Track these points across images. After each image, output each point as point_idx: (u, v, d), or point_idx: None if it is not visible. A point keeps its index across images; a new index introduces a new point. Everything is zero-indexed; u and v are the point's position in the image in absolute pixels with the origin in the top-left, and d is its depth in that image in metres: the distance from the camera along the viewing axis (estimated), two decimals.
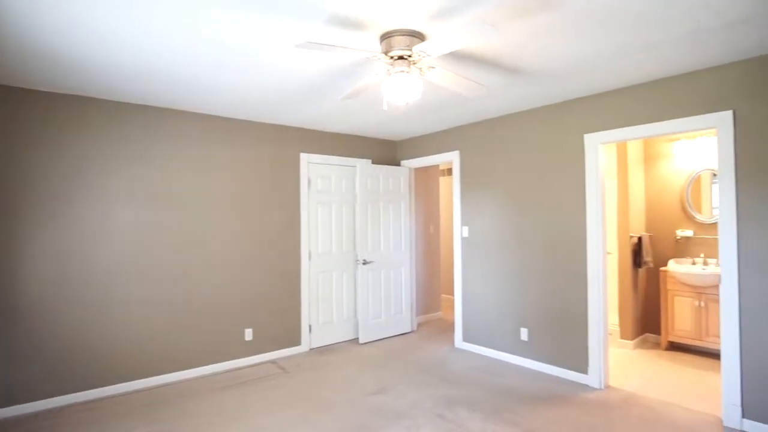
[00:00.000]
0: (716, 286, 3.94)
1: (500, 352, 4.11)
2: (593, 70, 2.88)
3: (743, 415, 2.71)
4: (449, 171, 6.75)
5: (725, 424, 2.77)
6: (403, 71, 2.26)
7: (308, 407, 3.12)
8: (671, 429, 2.74)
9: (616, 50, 2.54)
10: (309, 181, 4.55)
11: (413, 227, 5.27)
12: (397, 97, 2.26)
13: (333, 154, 4.77)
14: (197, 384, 3.59)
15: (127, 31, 2.20)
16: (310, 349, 4.50)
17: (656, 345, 4.47)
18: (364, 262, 4.71)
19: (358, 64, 2.71)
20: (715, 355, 4.08)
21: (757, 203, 2.67)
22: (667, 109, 3.05)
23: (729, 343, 2.76)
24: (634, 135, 3.22)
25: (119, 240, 3.43)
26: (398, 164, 5.32)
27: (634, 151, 4.56)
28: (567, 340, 3.61)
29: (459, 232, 4.51)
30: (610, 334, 4.63)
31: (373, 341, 4.77)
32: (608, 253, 4.79)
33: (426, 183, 5.74)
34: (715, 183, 4.21)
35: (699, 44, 2.47)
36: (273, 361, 4.14)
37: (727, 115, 2.77)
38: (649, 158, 4.66)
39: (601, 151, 3.44)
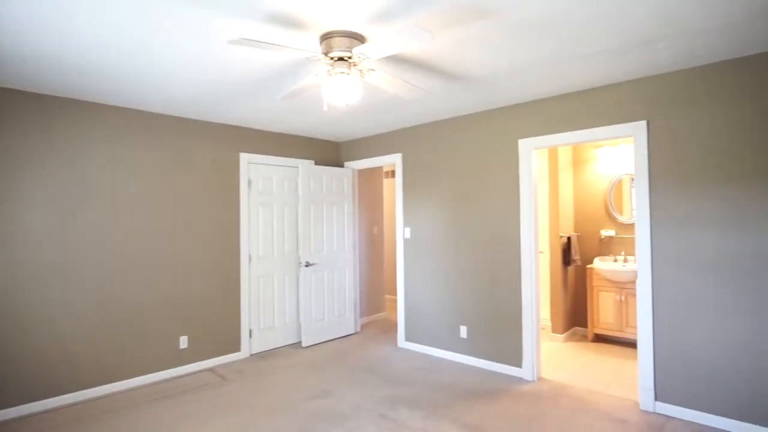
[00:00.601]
0: (634, 282, 4.28)
1: (441, 350, 4.22)
2: (527, 78, 3.03)
3: (656, 398, 2.97)
4: (393, 173, 6.82)
5: (641, 408, 3.02)
6: (343, 72, 2.26)
7: (248, 415, 3.03)
8: (595, 415, 2.94)
9: (548, 60, 2.70)
10: (249, 182, 4.42)
11: (357, 228, 5.28)
12: (338, 98, 2.26)
13: (275, 155, 4.66)
14: (128, 397, 3.37)
15: (46, 16, 2.02)
16: (251, 355, 4.37)
17: (584, 337, 4.78)
18: (307, 264, 4.65)
19: (298, 64, 2.67)
20: (634, 344, 4.44)
21: (668, 205, 2.93)
22: (591, 117, 3.28)
23: (644, 333, 3.02)
24: (562, 141, 3.43)
25: (38, 241, 3.14)
26: (342, 165, 5.31)
27: (564, 156, 4.86)
28: (503, 336, 3.77)
29: (402, 233, 4.58)
30: (543, 329, 4.90)
31: (316, 344, 4.71)
32: (540, 252, 5.07)
33: (370, 184, 5.77)
34: (633, 187, 4.58)
35: (620, 58, 2.68)
36: (210, 369, 3.97)
37: (641, 125, 3.03)
38: (577, 163, 4.99)
39: (533, 155, 3.63)
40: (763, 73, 2.60)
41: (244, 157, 4.38)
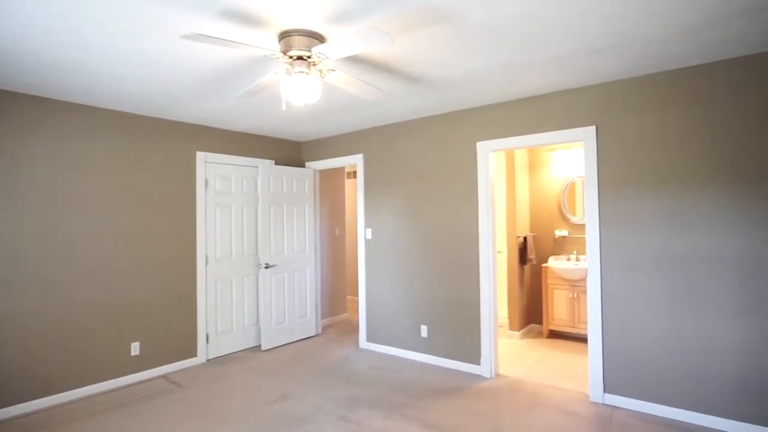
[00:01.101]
0: (585, 279, 4.48)
1: (403, 350, 4.25)
2: (484, 83, 3.11)
3: (605, 391, 3.12)
4: (355, 173, 6.82)
5: (591, 400, 3.16)
6: (302, 72, 2.23)
7: (204, 423, 2.94)
8: (548, 408, 3.05)
9: (504, 66, 2.78)
10: (206, 182, 4.29)
11: (318, 229, 5.23)
12: (296, 97, 2.23)
13: (233, 154, 4.55)
14: (76, 408, 3.18)
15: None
16: (208, 360, 4.24)
17: (540, 334, 4.95)
18: (267, 266, 4.56)
19: (257, 62, 2.62)
20: (586, 339, 4.64)
21: (616, 207, 3.09)
22: (544, 122, 3.40)
23: (594, 329, 3.16)
24: (518, 144, 3.54)
25: None
26: (303, 166, 5.25)
27: (521, 158, 5.02)
28: (462, 334, 3.84)
29: (363, 234, 4.58)
30: (501, 327, 5.03)
31: (276, 347, 4.63)
32: (498, 252, 5.21)
33: (332, 185, 5.74)
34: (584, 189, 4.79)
35: (571, 66, 2.80)
36: (164, 376, 3.82)
37: (591, 130, 3.18)
38: (533, 166, 5.16)
39: (491, 157, 3.73)
40: (703, 83, 2.79)
41: (201, 156, 4.25)
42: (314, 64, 2.31)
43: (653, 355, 2.93)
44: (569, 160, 4.90)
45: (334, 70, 2.40)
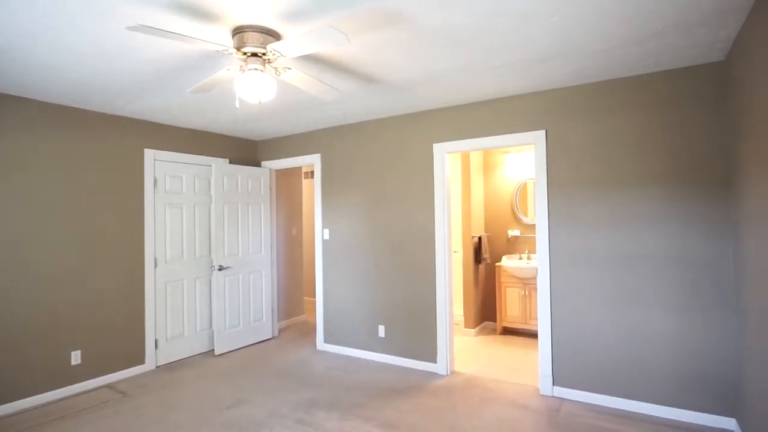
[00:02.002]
0: (536, 277, 4.66)
1: (360, 351, 4.25)
2: (441, 86, 3.17)
3: (554, 383, 3.26)
4: (312, 173, 6.75)
5: (541, 393, 3.29)
6: (256, 69, 2.19)
7: None
8: (501, 402, 3.15)
9: (459, 70, 2.85)
10: (155, 181, 4.11)
11: (275, 230, 5.14)
12: (250, 95, 2.19)
13: (185, 152, 4.38)
14: (16, 421, 2.95)
15: None
16: (158, 367, 4.06)
17: (494, 331, 5.10)
18: (220, 268, 4.43)
19: (210, 57, 2.55)
20: (536, 335, 4.83)
21: (564, 208, 3.24)
22: (498, 125, 3.51)
23: (543, 325, 3.30)
24: (473, 146, 3.63)
25: None
26: (259, 165, 5.13)
27: (476, 160, 5.15)
28: (419, 333, 3.90)
29: (320, 234, 4.55)
30: (457, 324, 5.15)
31: (230, 351, 4.50)
32: (454, 251, 5.32)
33: (289, 185, 5.65)
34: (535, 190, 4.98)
35: (522, 72, 2.90)
36: (110, 386, 3.62)
37: (541, 134, 3.31)
38: (488, 167, 5.31)
39: (447, 159, 3.80)
40: (644, 91, 2.97)
41: (150, 154, 4.06)
42: (269, 62, 2.27)
43: (598, 348, 3.10)
44: (521, 162, 5.08)
45: (290, 69, 2.36)
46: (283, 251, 5.51)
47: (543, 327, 3.30)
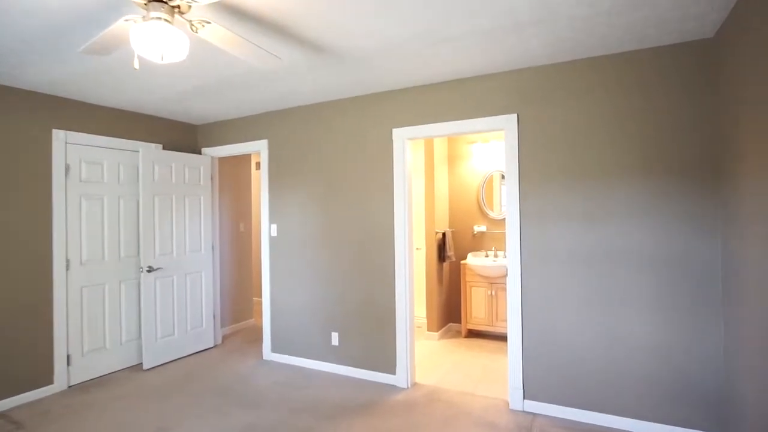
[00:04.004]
0: (504, 276, 4.35)
1: (311, 360, 3.80)
2: (399, 59, 2.75)
3: (524, 397, 2.93)
4: None
5: (511, 407, 2.96)
6: (159, 18, 1.69)
7: None
8: (467, 420, 2.79)
9: (421, 38, 2.43)
10: (67, 168, 3.48)
11: (218, 225, 4.58)
12: (151, 50, 1.68)
13: (107, 135, 3.76)
14: None
15: None
16: (70, 387, 3.45)
17: (458, 333, 4.77)
18: (150, 269, 3.84)
19: (112, 7, 2.01)
20: (504, 338, 4.53)
21: (537, 200, 2.90)
22: (465, 108, 3.13)
23: (514, 330, 2.96)
24: (437, 132, 3.24)
25: None
26: (199, 152, 4.55)
27: (440, 150, 4.77)
28: (377, 341, 3.49)
29: (267, 230, 4.04)
30: (419, 327, 4.78)
31: (162, 365, 3.94)
32: (417, 248, 4.94)
33: (236, 175, 5.09)
34: (503, 184, 4.67)
35: (493, 44, 2.52)
36: (3, 414, 3.00)
37: (512, 118, 2.95)
38: (453, 159, 4.96)
39: (408, 146, 3.39)
40: (629, 71, 2.66)
41: (60, 136, 3.42)
42: (180, 12, 1.77)
43: (575, 358, 2.79)
44: (488, 153, 4.75)
45: (209, 23, 1.87)
46: (229, 249, 4.96)
47: (513, 334, 2.97)
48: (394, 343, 3.40)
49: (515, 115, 2.94)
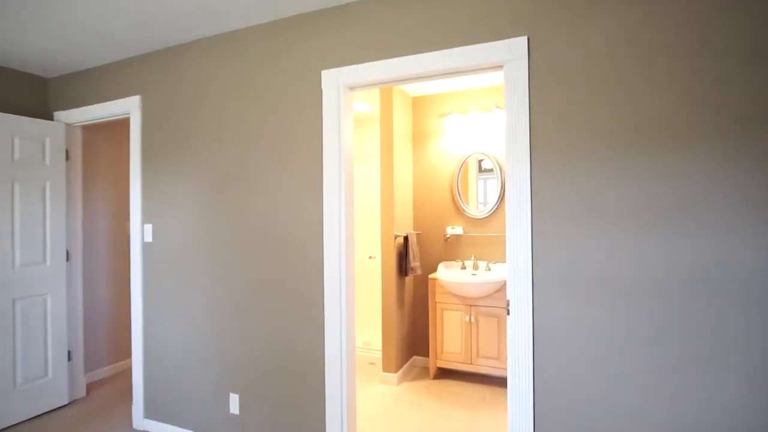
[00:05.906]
0: (490, 296, 3.16)
1: None
2: None
3: None
4: None
5: None
6: None
7: None
8: None
9: None
10: None
11: (80, 224, 3.16)
12: None
13: None
14: None
15: None
16: None
17: (425, 372, 3.54)
18: None
19: None
20: (487, 380, 3.35)
21: (556, 187, 1.69)
22: (441, 32, 1.89)
23: (519, 386, 1.74)
24: (395, 73, 1.97)
25: None
26: (50, 117, 3.11)
27: (402, 125, 3.52)
28: (295, 409, 2.20)
29: (138, 233, 2.67)
30: (372, 364, 3.53)
31: None
32: (370, 257, 3.68)
33: (114, 152, 3.67)
34: (484, 172, 3.48)
35: None
36: None
37: (519, 44, 1.74)
38: (419, 136, 3.72)
39: (348, 100, 2.12)
40: None
41: None
42: None
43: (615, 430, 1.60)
44: (467, 128, 3.55)
45: None
46: (105, 258, 3.54)
47: (517, 391, 1.75)
48: (323, 413, 2.13)
49: (524, 38, 1.73)
